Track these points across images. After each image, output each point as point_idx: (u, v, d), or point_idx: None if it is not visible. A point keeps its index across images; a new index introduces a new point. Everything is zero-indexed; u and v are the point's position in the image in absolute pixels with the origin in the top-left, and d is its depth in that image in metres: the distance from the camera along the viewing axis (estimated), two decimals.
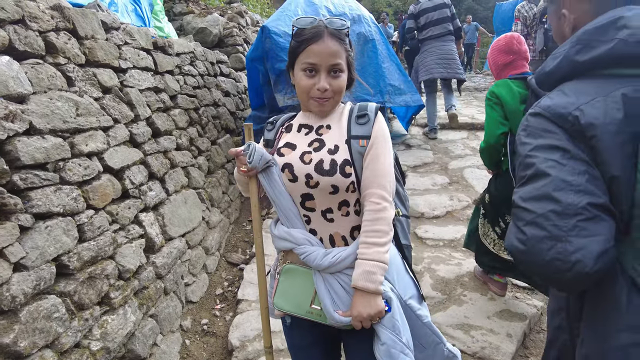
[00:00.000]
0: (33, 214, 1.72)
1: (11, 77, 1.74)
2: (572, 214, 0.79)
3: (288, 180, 1.22)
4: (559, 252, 0.78)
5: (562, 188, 0.81)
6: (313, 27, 1.19)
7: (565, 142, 0.85)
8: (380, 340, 1.15)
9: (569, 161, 0.83)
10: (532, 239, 0.82)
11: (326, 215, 1.22)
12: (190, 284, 2.84)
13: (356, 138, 1.21)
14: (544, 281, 0.88)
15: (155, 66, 3.09)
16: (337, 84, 1.20)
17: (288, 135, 1.31)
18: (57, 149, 1.90)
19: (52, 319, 1.67)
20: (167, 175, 2.84)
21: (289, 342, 1.42)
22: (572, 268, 0.77)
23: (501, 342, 2.27)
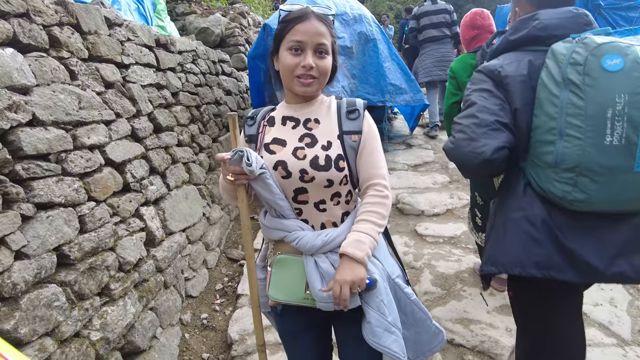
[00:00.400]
0: (35, 204, 1.74)
1: (15, 68, 1.76)
2: (484, 125, 1.25)
3: (281, 177, 1.22)
4: (473, 147, 1.23)
5: (482, 111, 1.27)
6: (300, 10, 1.22)
7: (491, 86, 1.32)
8: (366, 319, 1.19)
9: (491, 97, 1.30)
10: (458, 140, 1.28)
11: (319, 206, 1.25)
12: (190, 279, 2.86)
13: (348, 133, 1.24)
14: (462, 167, 1.31)
15: (158, 63, 3.11)
16: (322, 65, 1.20)
17: (273, 129, 1.29)
18: (59, 140, 1.92)
19: (52, 308, 1.68)
20: (168, 171, 2.86)
21: (280, 329, 1.43)
22: (479, 156, 1.21)
23: (500, 336, 2.27)
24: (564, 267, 1.23)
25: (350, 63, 4.30)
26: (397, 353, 1.16)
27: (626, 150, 1.12)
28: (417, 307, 1.29)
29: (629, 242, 1.22)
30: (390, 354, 1.16)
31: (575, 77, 1.14)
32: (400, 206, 3.92)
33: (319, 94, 1.30)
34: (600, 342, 2.33)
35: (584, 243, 1.22)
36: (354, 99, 1.30)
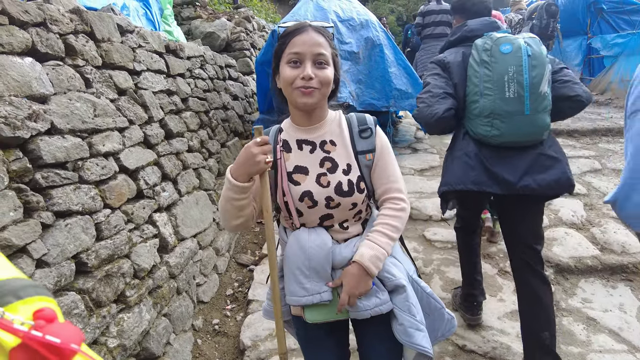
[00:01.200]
0: (54, 212, 1.75)
1: (34, 78, 1.78)
2: (436, 96, 1.89)
3: (307, 207, 1.23)
4: (430, 110, 1.87)
5: (434, 87, 1.93)
6: (297, 24, 1.23)
7: (439, 71, 2.00)
8: (398, 321, 1.25)
9: (439, 78, 1.97)
10: (420, 108, 1.93)
11: (343, 225, 1.29)
12: (201, 284, 2.87)
13: (362, 153, 1.27)
14: (425, 125, 1.97)
15: (168, 69, 3.13)
16: (323, 75, 1.18)
17: (291, 155, 1.28)
18: (76, 148, 1.94)
19: (72, 315, 1.69)
20: (179, 177, 2.87)
21: (303, 335, 1.44)
22: (435, 116, 1.85)
23: (512, 342, 2.28)
24: (491, 183, 1.87)
25: (357, 68, 4.32)
26: (426, 348, 1.23)
27: (519, 101, 1.78)
28: (432, 299, 1.36)
29: (531, 165, 1.85)
30: (421, 350, 1.23)
31: (486, 58, 1.83)
32: None
33: (325, 111, 1.30)
34: (611, 349, 2.34)
35: (502, 167, 1.87)
36: (364, 115, 1.33)
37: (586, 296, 2.82)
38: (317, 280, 1.23)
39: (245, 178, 1.16)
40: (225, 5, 8.36)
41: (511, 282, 2.86)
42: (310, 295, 1.23)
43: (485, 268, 3.01)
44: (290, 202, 1.24)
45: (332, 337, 1.40)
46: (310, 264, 1.22)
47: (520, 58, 1.77)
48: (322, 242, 1.23)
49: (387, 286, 1.27)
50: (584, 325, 2.54)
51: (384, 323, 1.31)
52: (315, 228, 1.27)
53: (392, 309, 1.27)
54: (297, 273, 1.24)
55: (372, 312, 1.25)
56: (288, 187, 1.23)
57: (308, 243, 1.23)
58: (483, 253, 3.22)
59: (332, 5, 4.26)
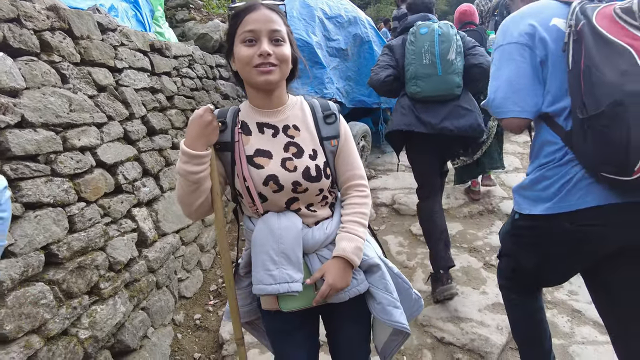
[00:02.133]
0: (23, 203, 1.77)
1: (4, 71, 1.80)
2: (381, 67, 2.71)
3: (272, 192, 1.19)
4: (377, 77, 2.70)
5: (382, 62, 2.74)
6: (248, 2, 1.19)
7: (387, 51, 2.78)
8: (376, 300, 1.27)
9: (386, 56, 2.76)
10: (372, 77, 2.76)
11: (309, 209, 1.27)
12: (183, 280, 2.87)
13: (328, 139, 1.26)
14: (373, 88, 2.83)
15: (152, 67, 3.15)
16: (280, 52, 1.14)
17: (251, 138, 1.23)
18: (48, 141, 1.96)
19: (39, 305, 1.71)
20: (161, 173, 2.89)
21: (271, 328, 1.41)
22: (378, 80, 2.69)
23: (491, 334, 2.26)
24: (419, 125, 2.55)
25: (346, 65, 4.32)
26: (405, 325, 1.25)
27: (432, 66, 2.49)
28: (399, 279, 1.36)
29: (449, 113, 2.52)
30: (400, 327, 1.25)
31: (412, 38, 2.58)
32: (397, 207, 3.92)
33: (285, 93, 1.27)
34: (594, 340, 2.31)
35: (427, 114, 2.55)
36: (327, 102, 1.32)
37: (572, 289, 2.78)
38: (286, 266, 1.17)
39: (204, 147, 1.15)
40: (223, 9, 8.42)
41: (495, 275, 2.84)
42: (278, 283, 1.16)
43: (470, 261, 3.00)
44: (251, 186, 1.18)
45: (303, 329, 1.38)
46: (279, 248, 1.17)
47: (432, 36, 2.50)
48: (291, 224, 1.20)
49: (361, 266, 1.28)
50: (568, 317, 2.51)
51: (356, 306, 1.31)
52: (284, 212, 1.23)
53: (368, 287, 1.28)
54: (265, 259, 1.18)
55: (351, 294, 1.25)
56: (248, 170, 1.18)
57: (277, 224, 1.19)
58: (469, 247, 3.20)
59: (318, 2, 4.26)
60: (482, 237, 3.33)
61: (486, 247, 3.19)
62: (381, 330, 1.38)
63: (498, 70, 1.43)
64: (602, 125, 1.12)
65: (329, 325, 1.41)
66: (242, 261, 1.39)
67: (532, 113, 1.37)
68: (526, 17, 1.37)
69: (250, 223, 1.28)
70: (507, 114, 1.40)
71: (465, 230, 3.45)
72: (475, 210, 3.75)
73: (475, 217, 3.70)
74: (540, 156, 1.38)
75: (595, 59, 1.14)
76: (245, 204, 1.26)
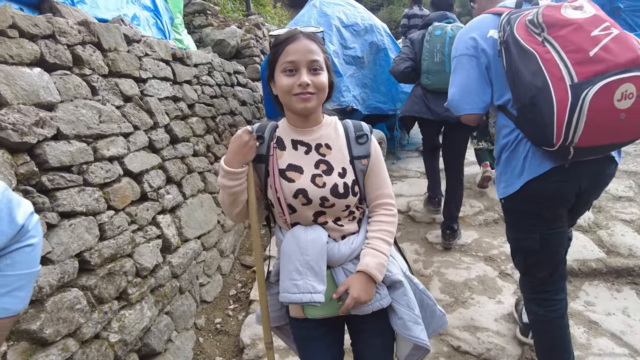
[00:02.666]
0: (59, 213, 1.86)
1: (42, 87, 1.90)
2: (402, 59, 3.27)
3: (301, 204, 1.27)
4: (397, 68, 3.26)
5: (402, 54, 3.29)
6: (288, 32, 1.26)
7: (408, 44, 3.31)
8: (398, 315, 1.31)
9: (407, 48, 3.29)
10: (393, 67, 3.34)
11: (336, 223, 1.33)
12: (204, 284, 2.95)
13: (358, 158, 1.32)
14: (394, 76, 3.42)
15: (174, 76, 3.25)
16: (318, 81, 1.21)
17: (285, 154, 1.31)
18: (81, 152, 2.05)
19: (74, 310, 1.79)
20: (184, 180, 2.97)
21: (298, 334, 1.47)
22: (399, 71, 3.26)
23: (507, 343, 2.28)
24: (427, 112, 3.12)
25: (362, 72, 4.37)
26: (424, 341, 1.29)
27: (442, 63, 3.03)
28: (424, 295, 1.40)
29: None
30: (420, 343, 1.29)
31: (428, 38, 3.09)
32: (412, 214, 3.95)
33: (320, 115, 1.34)
34: (611, 352, 2.31)
35: (434, 103, 3.07)
36: (360, 123, 1.39)
37: (589, 299, 2.79)
38: (310, 277, 1.24)
39: (239, 165, 1.24)
40: (238, 13, 8.53)
41: (511, 285, 2.86)
42: (301, 293, 1.22)
43: (486, 270, 3.02)
44: (282, 198, 1.27)
45: (329, 336, 1.44)
46: (304, 259, 1.24)
47: (444, 38, 3.02)
48: (317, 236, 1.27)
49: (384, 282, 1.33)
50: (584, 328, 2.52)
51: (380, 319, 1.36)
52: (312, 226, 1.30)
53: (391, 303, 1.33)
54: (291, 269, 1.25)
55: (373, 308, 1.30)
56: (280, 182, 1.27)
57: (304, 237, 1.27)
58: (484, 255, 3.22)
59: (335, 11, 4.32)
60: (498, 245, 3.35)
61: (502, 255, 3.21)
62: (403, 344, 1.43)
63: (454, 78, 1.80)
64: (528, 113, 1.47)
65: (355, 335, 1.47)
66: (274, 269, 1.47)
67: (481, 109, 1.75)
68: (470, 32, 1.74)
69: (281, 234, 1.37)
70: (462, 111, 1.78)
71: (481, 238, 3.47)
72: (491, 218, 3.76)
73: (491, 225, 3.71)
74: (500, 137, 1.76)
75: (517, 62, 1.47)
76: (276, 214, 1.35)
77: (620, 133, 1.40)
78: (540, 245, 1.74)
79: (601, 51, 1.33)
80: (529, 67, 1.41)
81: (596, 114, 1.31)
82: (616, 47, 1.34)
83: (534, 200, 1.68)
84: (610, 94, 1.30)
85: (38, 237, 1.04)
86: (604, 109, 1.31)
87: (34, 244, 1.02)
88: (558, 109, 1.35)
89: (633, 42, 1.38)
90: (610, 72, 1.30)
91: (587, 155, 1.52)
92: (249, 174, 1.28)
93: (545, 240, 1.73)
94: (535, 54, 1.39)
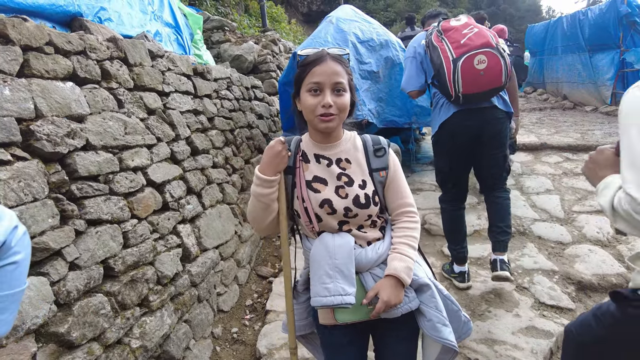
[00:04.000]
0: (86, 220, 1.93)
1: (74, 100, 2.00)
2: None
3: (326, 214, 1.34)
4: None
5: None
6: (316, 53, 1.34)
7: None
8: (426, 318, 1.34)
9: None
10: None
11: (360, 230, 1.39)
12: (222, 294, 2.99)
13: (377, 170, 1.40)
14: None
15: (195, 90, 3.35)
16: (341, 102, 1.30)
17: (310, 166, 1.39)
18: (107, 163, 2.13)
19: (99, 315, 1.85)
20: (203, 191, 3.04)
21: (326, 341, 1.50)
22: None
23: (525, 357, 2.26)
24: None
25: (377, 87, 4.43)
26: (453, 342, 1.31)
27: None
28: (449, 301, 1.42)
29: None
30: (449, 344, 1.32)
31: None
32: (427, 227, 3.95)
33: (340, 131, 1.42)
34: None
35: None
36: (378, 137, 1.46)
37: None
38: (340, 280, 1.29)
39: (273, 173, 1.32)
40: (254, 29, 8.73)
41: (529, 299, 2.84)
42: (332, 296, 1.27)
43: (502, 284, 2.99)
44: (309, 208, 1.34)
45: (355, 344, 1.48)
46: (334, 263, 1.30)
47: None
48: (345, 242, 1.33)
49: (412, 285, 1.37)
50: None
51: (407, 325, 1.40)
52: (338, 233, 1.37)
53: (419, 305, 1.36)
54: (321, 273, 1.31)
55: (403, 310, 1.34)
56: (307, 193, 1.35)
57: (332, 243, 1.33)
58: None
59: (352, 27, 4.41)
60: (514, 259, 3.33)
61: (518, 269, 3.19)
62: (430, 349, 1.44)
63: (404, 71, 3.00)
64: (437, 80, 2.64)
65: (379, 342, 1.49)
66: (301, 279, 1.53)
67: (418, 87, 2.88)
68: (412, 43, 2.92)
69: (308, 242, 1.43)
70: (408, 89, 2.95)
71: None
72: None
73: None
74: (432, 99, 2.86)
75: (431, 52, 2.62)
76: (303, 224, 1.41)
77: (483, 84, 2.45)
78: (449, 168, 2.87)
79: (467, 40, 2.45)
80: (437, 54, 2.55)
81: (465, 73, 2.42)
82: (475, 37, 2.45)
83: (446, 134, 2.72)
84: (471, 61, 2.40)
85: (24, 253, 0.92)
86: (469, 70, 2.41)
87: (18, 262, 0.89)
88: (447, 73, 2.47)
89: (486, 34, 2.46)
90: (472, 51, 2.40)
91: (472, 101, 2.54)
92: (281, 183, 1.36)
93: (452, 163, 2.83)
94: (437, 47, 2.56)
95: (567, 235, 3.65)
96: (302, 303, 1.51)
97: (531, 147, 5.95)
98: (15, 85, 1.71)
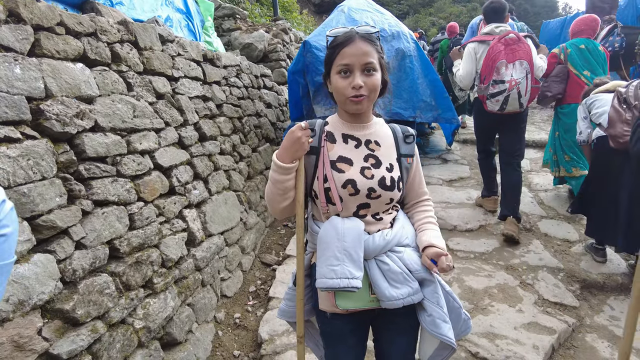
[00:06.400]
0: (93, 201, 1.95)
1: (83, 81, 2.00)
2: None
3: (348, 194, 1.32)
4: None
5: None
6: (345, 33, 1.31)
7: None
8: (427, 312, 1.33)
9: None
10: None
11: (375, 217, 1.37)
12: (225, 279, 3.01)
13: (405, 156, 1.41)
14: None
15: (204, 76, 3.35)
16: (371, 82, 1.27)
17: (336, 146, 1.37)
18: (115, 145, 2.14)
19: (103, 294, 1.87)
20: (210, 177, 3.05)
21: (326, 330, 1.48)
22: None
23: (527, 352, 2.25)
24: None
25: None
26: (451, 339, 1.30)
27: None
28: (451, 297, 1.41)
29: None
30: (447, 341, 1.31)
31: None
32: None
33: (370, 112, 1.41)
34: None
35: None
36: (406, 127, 1.47)
37: (614, 314, 2.73)
38: (348, 263, 1.26)
39: (290, 160, 1.31)
40: (266, 18, 8.69)
41: (532, 295, 2.82)
42: (339, 278, 1.25)
43: (507, 279, 2.99)
44: (332, 188, 1.32)
45: (355, 334, 1.46)
46: (342, 246, 1.27)
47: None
48: (354, 225, 1.31)
49: (416, 277, 1.34)
50: (608, 342, 2.46)
51: (408, 317, 1.39)
52: (349, 217, 1.35)
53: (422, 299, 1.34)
54: (328, 255, 1.28)
55: (405, 302, 1.30)
56: (331, 173, 1.33)
57: (341, 225, 1.31)
58: (505, 264, 3.18)
59: (363, 17, 4.36)
60: (519, 255, 3.31)
61: (523, 265, 3.17)
62: (428, 343, 1.44)
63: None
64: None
65: (379, 334, 1.48)
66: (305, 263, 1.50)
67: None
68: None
69: (316, 226, 1.41)
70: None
71: (502, 247, 3.43)
72: None
73: None
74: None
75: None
76: (318, 206, 1.39)
77: None
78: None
79: None
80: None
81: None
82: None
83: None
84: None
85: (12, 227, 0.91)
86: None
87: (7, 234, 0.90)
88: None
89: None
90: None
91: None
92: (299, 170, 1.34)
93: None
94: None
95: (574, 233, 3.62)
96: (305, 287, 1.50)
97: (541, 144, 5.88)
98: (26, 64, 1.72)
